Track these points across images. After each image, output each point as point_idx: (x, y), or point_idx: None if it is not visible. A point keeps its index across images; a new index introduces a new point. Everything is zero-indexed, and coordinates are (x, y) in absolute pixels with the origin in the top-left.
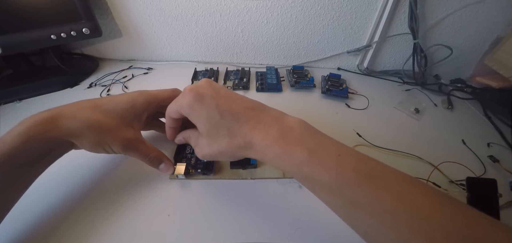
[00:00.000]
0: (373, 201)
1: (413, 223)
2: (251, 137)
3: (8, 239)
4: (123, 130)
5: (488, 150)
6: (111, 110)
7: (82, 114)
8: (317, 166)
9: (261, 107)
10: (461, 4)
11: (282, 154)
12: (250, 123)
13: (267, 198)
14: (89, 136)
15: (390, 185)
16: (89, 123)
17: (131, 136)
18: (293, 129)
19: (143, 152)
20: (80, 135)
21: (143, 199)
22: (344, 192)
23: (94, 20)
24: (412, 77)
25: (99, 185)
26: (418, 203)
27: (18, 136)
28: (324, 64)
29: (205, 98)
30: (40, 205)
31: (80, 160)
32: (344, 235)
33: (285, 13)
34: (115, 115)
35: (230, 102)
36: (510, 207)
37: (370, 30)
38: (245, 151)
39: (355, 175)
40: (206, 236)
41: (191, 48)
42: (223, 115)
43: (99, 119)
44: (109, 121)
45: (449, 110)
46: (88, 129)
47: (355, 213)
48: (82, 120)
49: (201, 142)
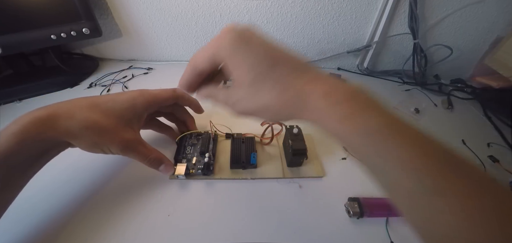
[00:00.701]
0: (468, 193)
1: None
2: (310, 91)
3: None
4: (122, 130)
5: (488, 150)
6: (110, 110)
7: (79, 114)
8: (399, 137)
9: (317, 67)
10: (461, 4)
11: (352, 115)
12: (307, 76)
13: (267, 198)
14: (87, 136)
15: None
16: (87, 123)
17: (130, 137)
18: (363, 91)
19: (143, 154)
20: (77, 135)
21: (143, 199)
22: (428, 177)
23: (94, 20)
24: (412, 77)
25: (99, 186)
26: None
27: (12, 135)
28: (324, 64)
29: (252, 39)
30: (41, 207)
31: (80, 162)
32: (344, 235)
33: (285, 13)
34: (114, 116)
35: (281, 50)
36: None
37: (370, 30)
38: (297, 108)
39: (446, 162)
40: (206, 236)
41: (191, 48)
42: (274, 62)
43: (98, 120)
44: (108, 121)
45: (449, 110)
46: (86, 129)
47: (435, 204)
48: (79, 120)
49: (238, 94)
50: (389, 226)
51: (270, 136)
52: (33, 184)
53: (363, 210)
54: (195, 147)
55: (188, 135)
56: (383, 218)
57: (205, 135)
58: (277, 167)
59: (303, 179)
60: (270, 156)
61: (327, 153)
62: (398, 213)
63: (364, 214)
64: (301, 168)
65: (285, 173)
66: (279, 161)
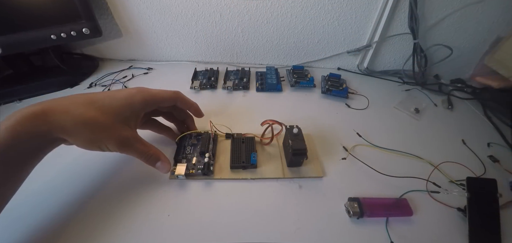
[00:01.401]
0: None
1: None
2: None
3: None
4: (119, 127)
5: (488, 150)
6: (107, 107)
7: (76, 110)
8: None
9: None
10: (461, 4)
11: None
12: None
13: (267, 198)
14: (83, 133)
15: None
16: (84, 120)
17: (128, 134)
18: None
19: (140, 150)
20: (73, 132)
21: (143, 199)
22: None
23: (94, 20)
24: (412, 77)
25: (99, 186)
26: None
27: (5, 130)
28: (324, 64)
29: None
30: (41, 207)
31: (80, 162)
32: (344, 235)
33: (285, 13)
34: (111, 112)
35: None
36: (510, 207)
37: (370, 30)
38: None
39: None
40: (206, 236)
41: (191, 48)
42: None
43: (94, 116)
44: (105, 118)
45: (449, 110)
46: (82, 126)
47: None
48: (75, 116)
49: None
50: (389, 226)
51: (270, 136)
52: (33, 184)
53: (363, 210)
54: (195, 147)
55: (188, 135)
56: (383, 218)
57: (205, 135)
58: (277, 167)
59: (303, 179)
60: (270, 156)
61: (327, 153)
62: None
63: (364, 214)
64: (301, 168)
65: (285, 173)
66: (279, 161)
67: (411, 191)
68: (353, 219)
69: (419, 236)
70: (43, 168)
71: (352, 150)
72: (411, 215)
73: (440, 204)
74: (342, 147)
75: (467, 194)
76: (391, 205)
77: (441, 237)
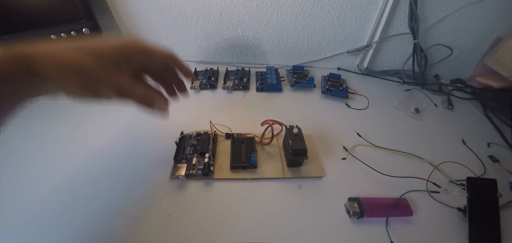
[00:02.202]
0: None
1: None
2: None
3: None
4: (113, 73)
5: (488, 150)
6: (99, 53)
7: (64, 55)
8: None
9: None
10: (461, 4)
11: None
12: None
13: (267, 198)
14: (75, 79)
15: None
16: (73, 65)
17: (123, 79)
18: None
19: (137, 93)
20: (62, 79)
21: (143, 199)
22: None
23: (94, 20)
24: (412, 77)
25: (99, 186)
26: None
27: None
28: (324, 64)
29: None
30: (41, 207)
31: (80, 162)
32: (344, 235)
33: (285, 13)
34: (103, 58)
35: None
36: (510, 207)
37: (370, 30)
38: None
39: None
40: (206, 236)
41: (191, 48)
42: None
43: (87, 62)
44: (96, 64)
45: (449, 110)
46: (71, 72)
47: None
48: (64, 61)
49: None
50: (389, 226)
51: (270, 136)
52: (32, 184)
53: (363, 210)
54: (195, 147)
55: (188, 135)
56: (383, 218)
57: (205, 135)
58: (277, 167)
59: (303, 179)
60: (270, 156)
61: (327, 153)
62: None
63: (364, 214)
64: (301, 168)
65: (285, 173)
66: (279, 161)
67: (411, 191)
68: (353, 219)
69: (419, 236)
70: (42, 168)
71: (352, 150)
72: (411, 215)
73: (440, 204)
74: (342, 147)
75: (467, 194)
76: (391, 205)
77: (441, 237)
